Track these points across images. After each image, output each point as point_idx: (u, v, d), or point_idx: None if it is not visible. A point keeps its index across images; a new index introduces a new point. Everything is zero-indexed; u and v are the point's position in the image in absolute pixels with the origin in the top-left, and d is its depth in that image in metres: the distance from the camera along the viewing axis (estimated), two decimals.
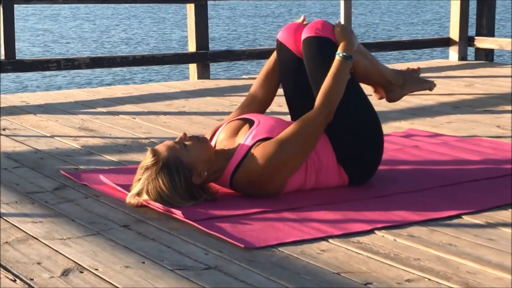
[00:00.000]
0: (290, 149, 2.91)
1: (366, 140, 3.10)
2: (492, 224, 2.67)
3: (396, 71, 3.38)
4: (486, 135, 4.12)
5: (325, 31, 3.11)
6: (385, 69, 3.35)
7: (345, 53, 3.04)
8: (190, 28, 6.36)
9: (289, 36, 3.20)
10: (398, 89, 3.37)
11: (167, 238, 2.54)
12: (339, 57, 3.03)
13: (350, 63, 3.04)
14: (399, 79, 3.36)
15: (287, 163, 2.92)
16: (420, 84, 3.43)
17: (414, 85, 3.41)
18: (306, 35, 3.12)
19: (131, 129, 4.33)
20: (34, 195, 3.04)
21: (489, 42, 7.33)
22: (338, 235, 2.56)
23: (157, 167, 2.81)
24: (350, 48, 3.07)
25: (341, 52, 3.04)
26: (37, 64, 5.78)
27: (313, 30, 3.11)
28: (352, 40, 3.10)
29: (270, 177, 2.91)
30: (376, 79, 3.32)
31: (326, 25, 3.13)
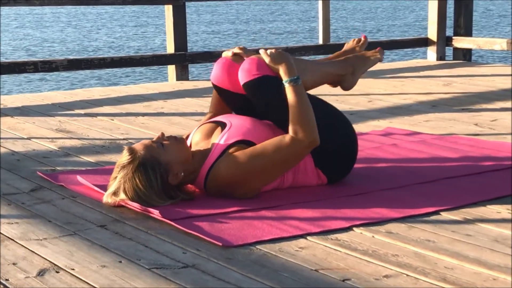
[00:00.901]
0: (263, 164, 2.86)
1: (340, 142, 3.07)
2: (470, 220, 2.67)
3: (341, 62, 3.30)
4: (463, 133, 4.13)
5: (259, 69, 2.98)
6: (331, 66, 3.27)
7: (291, 77, 2.94)
8: (168, 29, 6.34)
9: (223, 77, 3.10)
10: (349, 77, 3.30)
11: (144, 238, 2.53)
12: (288, 85, 2.94)
13: (300, 84, 2.96)
14: (347, 68, 3.28)
15: (260, 176, 2.90)
16: (368, 61, 3.35)
17: (363, 66, 3.33)
18: (243, 81, 2.99)
19: (109, 130, 4.30)
20: (10, 197, 3.02)
21: (467, 41, 7.37)
22: (316, 233, 2.55)
23: (133, 165, 2.79)
24: (292, 71, 2.95)
25: (287, 78, 2.95)
26: (13, 67, 5.74)
27: (248, 73, 2.98)
28: (288, 60, 2.98)
29: (239, 185, 2.89)
30: (326, 81, 3.28)
31: (258, 63, 2.98)
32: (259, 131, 2.96)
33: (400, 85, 5.87)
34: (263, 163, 2.86)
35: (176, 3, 6.21)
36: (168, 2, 6.23)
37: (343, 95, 5.38)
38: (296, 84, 2.94)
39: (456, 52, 7.52)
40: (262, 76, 2.97)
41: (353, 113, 4.71)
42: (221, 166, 2.87)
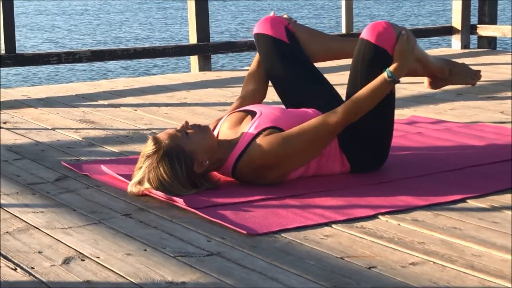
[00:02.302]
0: (298, 145, 2.86)
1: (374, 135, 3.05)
2: (497, 208, 2.64)
3: (443, 63, 3.32)
4: (489, 121, 4.09)
5: (385, 41, 2.91)
6: (433, 63, 3.29)
7: (394, 76, 2.88)
8: (190, 20, 6.33)
9: (265, 25, 3.19)
10: (441, 81, 3.36)
11: (169, 226, 2.52)
12: (386, 77, 2.88)
13: (393, 85, 2.93)
14: (445, 72, 3.32)
15: (292, 158, 2.89)
16: (465, 79, 3.37)
17: (457, 80, 3.37)
18: (365, 37, 2.96)
19: (133, 120, 4.31)
20: (35, 186, 3.03)
21: (492, 30, 7.30)
22: (341, 221, 2.54)
23: (158, 155, 2.79)
24: (402, 72, 2.90)
25: (391, 72, 2.88)
26: (37, 58, 5.76)
27: (374, 34, 2.94)
28: (408, 63, 2.92)
29: (272, 167, 2.88)
30: (422, 74, 3.32)
31: (389, 33, 2.93)
32: (289, 119, 2.95)
33: None
34: (299, 145, 2.86)
35: None
36: None
37: None
38: (391, 83, 2.89)
39: (481, 40, 7.45)
40: (385, 50, 2.93)
41: None
42: (254, 150, 2.85)
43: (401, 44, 2.92)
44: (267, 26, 3.20)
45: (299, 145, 2.86)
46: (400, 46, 2.91)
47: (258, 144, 2.86)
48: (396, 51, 2.92)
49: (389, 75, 2.88)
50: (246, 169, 2.89)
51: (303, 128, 2.88)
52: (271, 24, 3.20)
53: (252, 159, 2.87)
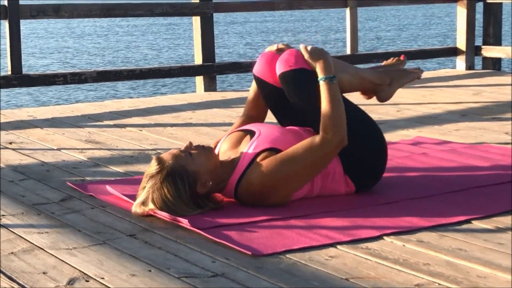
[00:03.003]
0: (295, 168, 2.87)
1: (370, 149, 3.06)
2: (502, 229, 2.64)
3: (380, 72, 3.31)
4: (494, 142, 4.09)
5: (297, 62, 3.01)
6: (369, 74, 3.28)
7: (327, 75, 2.95)
8: (196, 40, 6.36)
9: (265, 69, 3.14)
10: (386, 88, 3.30)
11: (173, 247, 2.52)
12: (323, 82, 2.95)
13: (335, 83, 2.96)
14: (385, 79, 3.29)
15: (291, 181, 2.89)
16: (407, 76, 3.34)
17: (401, 79, 3.33)
18: (280, 71, 3.03)
19: (138, 141, 4.32)
20: (40, 206, 3.03)
21: (496, 51, 7.31)
22: (346, 242, 2.54)
23: (161, 175, 2.79)
24: (328, 68, 2.97)
25: (323, 76, 2.96)
26: (43, 79, 5.78)
27: (286, 64, 3.02)
28: (327, 59, 3.01)
29: (272, 191, 2.89)
30: (362, 88, 3.28)
31: (297, 56, 3.02)
32: (287, 139, 2.96)
33: (429, 95, 5.83)
34: (294, 167, 2.86)
35: (204, 14, 6.23)
36: (196, 13, 6.25)
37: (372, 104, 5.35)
38: (331, 82, 2.95)
39: (486, 62, 7.46)
40: (299, 68, 3.00)
41: (382, 122, 4.68)
42: (252, 174, 2.86)
43: (305, 52, 3.02)
44: (266, 71, 3.13)
45: (296, 168, 2.86)
46: (306, 54, 3.01)
47: (255, 170, 2.86)
48: (307, 60, 3.01)
49: (323, 78, 2.95)
50: (246, 193, 2.90)
51: (300, 150, 2.87)
52: (270, 68, 3.12)
53: (250, 184, 2.87)
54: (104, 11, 5.97)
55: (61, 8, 5.77)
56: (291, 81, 3.01)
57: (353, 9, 6.87)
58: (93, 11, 5.94)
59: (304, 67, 3.01)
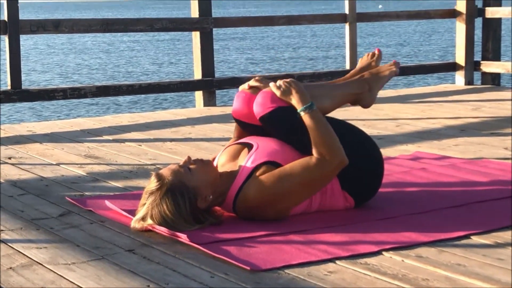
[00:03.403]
0: (292, 186, 2.86)
1: (364, 163, 3.05)
2: (501, 244, 2.63)
3: (356, 81, 3.28)
4: (493, 157, 4.09)
5: (273, 101, 2.99)
6: (346, 88, 3.25)
7: (304, 105, 2.94)
8: (195, 55, 6.37)
9: (242, 110, 3.11)
10: (367, 95, 3.28)
11: (172, 262, 2.52)
12: (304, 113, 2.94)
13: (315, 109, 2.94)
14: (363, 86, 3.26)
15: (288, 198, 2.89)
16: (384, 76, 3.31)
17: (379, 81, 3.30)
18: (259, 115, 3.02)
19: (137, 156, 4.32)
20: (39, 221, 3.03)
21: (495, 66, 7.33)
22: (345, 257, 2.53)
23: (161, 191, 2.79)
24: (304, 98, 2.95)
25: (300, 107, 2.94)
26: (43, 94, 5.79)
27: (262, 107, 3.00)
28: (298, 89, 2.97)
29: (268, 207, 2.89)
30: (344, 103, 3.27)
31: (272, 96, 2.99)
32: (286, 152, 2.96)
33: (428, 110, 5.84)
34: (291, 184, 2.86)
35: (203, 29, 6.25)
36: (195, 28, 6.26)
37: (371, 119, 5.37)
38: (311, 110, 2.93)
39: (485, 77, 7.48)
40: (276, 108, 2.98)
41: (381, 137, 4.69)
42: (250, 188, 2.86)
43: (277, 91, 2.98)
44: (244, 112, 3.11)
45: (291, 186, 2.86)
46: (278, 92, 2.98)
47: (253, 184, 2.86)
48: (280, 96, 2.98)
49: (302, 110, 2.94)
50: (244, 207, 2.90)
51: (297, 168, 2.87)
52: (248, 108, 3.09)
53: (247, 199, 2.87)
54: (104, 26, 5.98)
55: (61, 23, 5.79)
56: (273, 122, 3.00)
57: (352, 25, 6.89)
58: (93, 26, 5.96)
59: (280, 105, 2.98)
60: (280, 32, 30.94)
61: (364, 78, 3.29)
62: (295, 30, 31.69)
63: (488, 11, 7.26)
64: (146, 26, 6.16)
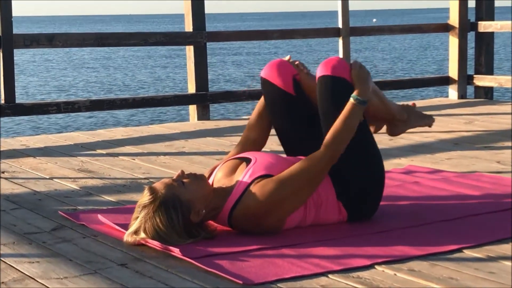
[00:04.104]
0: (290, 188, 2.88)
1: (368, 180, 3.07)
2: (493, 258, 2.64)
3: (400, 107, 3.38)
4: (486, 170, 4.10)
5: (341, 70, 3.04)
6: (392, 104, 3.34)
7: (360, 98, 2.97)
8: (189, 69, 6.38)
9: (272, 72, 3.18)
10: (401, 124, 3.37)
11: (165, 276, 2.52)
12: (353, 101, 2.97)
13: (363, 107, 2.99)
14: (403, 114, 3.36)
15: (287, 202, 2.90)
16: (422, 119, 3.42)
17: (416, 121, 3.41)
18: (322, 73, 3.06)
19: (130, 170, 4.32)
20: (32, 236, 3.02)
21: (488, 80, 7.36)
22: (337, 271, 2.54)
23: (154, 205, 2.79)
24: (365, 93, 3.00)
25: (357, 96, 2.98)
26: (37, 108, 5.79)
27: (329, 68, 3.05)
28: (368, 83, 3.04)
29: (268, 214, 2.89)
30: (383, 116, 3.31)
31: (342, 64, 3.06)
32: (283, 166, 2.96)
33: None
34: (292, 187, 2.87)
35: (197, 43, 6.26)
36: (189, 42, 6.28)
37: None
38: (360, 106, 2.97)
39: (478, 91, 7.50)
40: (344, 78, 3.03)
41: None
42: (249, 198, 2.86)
43: (355, 69, 3.04)
44: (274, 74, 3.19)
45: (291, 188, 2.88)
46: (355, 70, 3.03)
47: (252, 192, 2.87)
48: (353, 76, 3.03)
49: (355, 98, 2.97)
50: (242, 218, 2.90)
51: (293, 170, 2.90)
52: (279, 71, 3.19)
53: (247, 207, 2.87)
54: (97, 41, 5.99)
55: (55, 37, 5.80)
56: (328, 87, 3.04)
57: (345, 39, 6.91)
58: (86, 40, 5.97)
59: (345, 77, 3.04)
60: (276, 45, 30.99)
61: (406, 109, 3.36)
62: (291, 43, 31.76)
63: (481, 25, 7.30)
64: (140, 40, 6.17)
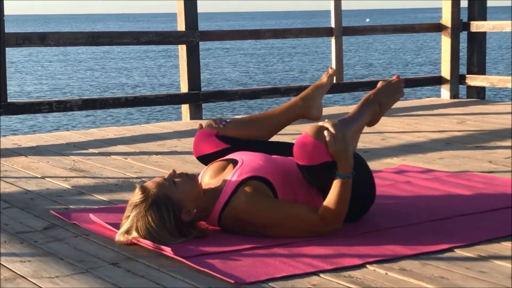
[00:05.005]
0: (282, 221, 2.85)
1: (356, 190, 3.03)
2: (484, 257, 2.65)
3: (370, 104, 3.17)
4: (477, 170, 4.11)
5: (318, 155, 2.84)
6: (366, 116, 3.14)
7: (345, 174, 2.84)
8: (182, 69, 6.38)
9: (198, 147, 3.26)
10: (375, 116, 3.21)
11: (156, 275, 2.52)
12: (339, 178, 2.84)
13: (350, 180, 2.87)
14: (375, 110, 3.19)
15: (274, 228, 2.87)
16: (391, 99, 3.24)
17: (387, 104, 3.23)
18: (303, 163, 2.87)
19: (123, 169, 4.31)
20: (23, 235, 3.02)
21: (480, 80, 7.37)
22: (329, 270, 2.54)
23: (146, 204, 2.79)
24: (349, 167, 2.84)
25: (341, 174, 2.83)
26: (29, 107, 5.78)
27: (305, 157, 2.85)
28: (348, 154, 2.85)
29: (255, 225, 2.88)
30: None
31: (317, 148, 2.84)
32: (271, 167, 2.96)
33: (413, 123, 5.87)
34: (281, 219, 2.86)
35: (190, 42, 6.26)
36: (181, 42, 6.28)
37: None
38: (348, 179, 2.86)
39: (470, 90, 7.52)
40: (323, 163, 2.86)
41: (366, 151, 4.71)
42: (238, 200, 2.86)
43: (331, 146, 2.83)
44: (201, 147, 3.24)
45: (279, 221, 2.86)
46: (332, 148, 2.83)
47: (241, 196, 2.86)
48: (331, 153, 2.85)
49: (341, 176, 2.85)
50: (231, 220, 2.90)
51: (293, 209, 2.87)
52: (203, 142, 3.23)
53: (236, 212, 2.87)
54: (90, 40, 5.98)
55: (47, 36, 5.79)
56: (315, 174, 2.91)
57: (338, 38, 6.92)
58: (79, 39, 5.96)
59: (327, 160, 2.85)
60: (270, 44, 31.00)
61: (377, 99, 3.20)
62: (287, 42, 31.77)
63: (473, 25, 7.31)
64: (133, 39, 6.17)
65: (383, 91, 3.23)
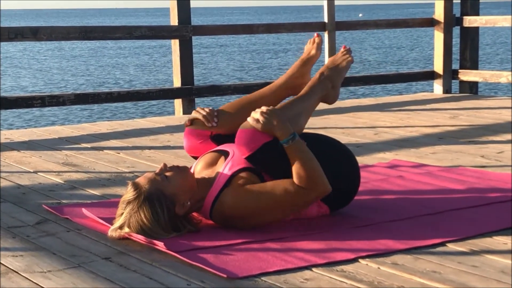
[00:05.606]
0: (270, 204, 2.86)
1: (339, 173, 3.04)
2: (476, 251, 2.65)
3: (319, 83, 3.18)
4: (470, 165, 4.12)
5: (255, 141, 2.87)
6: (314, 94, 3.14)
7: (286, 137, 2.86)
8: (175, 63, 6.37)
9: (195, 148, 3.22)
10: (331, 92, 3.21)
11: (149, 270, 2.52)
12: (287, 145, 2.85)
13: (298, 139, 2.87)
14: (327, 85, 3.19)
15: (264, 215, 2.89)
16: (342, 68, 3.24)
17: (340, 75, 3.23)
18: (245, 155, 2.90)
19: (115, 163, 4.31)
20: (15, 230, 3.01)
21: (473, 74, 7.38)
22: (321, 264, 2.54)
23: (139, 200, 2.79)
24: (285, 130, 2.86)
25: (283, 139, 2.86)
26: (21, 101, 5.76)
27: (247, 147, 2.88)
28: (279, 120, 2.86)
29: (245, 219, 2.88)
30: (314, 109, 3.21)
31: (251, 135, 2.87)
32: None
33: (406, 118, 5.87)
34: (270, 203, 2.86)
35: (183, 37, 6.25)
36: (174, 36, 6.27)
37: (350, 128, 5.40)
38: (293, 141, 2.86)
39: (463, 85, 7.53)
40: (262, 145, 2.88)
41: (359, 145, 4.71)
42: (228, 198, 2.86)
43: (256, 124, 2.87)
44: (197, 149, 3.21)
45: (269, 205, 2.86)
46: (259, 125, 2.86)
47: (230, 195, 2.86)
48: (264, 132, 2.87)
49: (285, 143, 2.86)
50: (220, 216, 2.90)
51: (274, 190, 2.86)
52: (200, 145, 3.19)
53: (223, 208, 2.87)
54: (82, 34, 5.97)
55: (39, 30, 5.77)
56: (261, 160, 2.91)
57: (331, 33, 6.92)
58: (71, 34, 5.94)
59: (264, 141, 2.88)
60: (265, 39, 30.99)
61: (325, 77, 3.20)
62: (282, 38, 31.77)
63: (466, 20, 7.32)
64: (125, 34, 6.15)
65: (329, 65, 3.24)
